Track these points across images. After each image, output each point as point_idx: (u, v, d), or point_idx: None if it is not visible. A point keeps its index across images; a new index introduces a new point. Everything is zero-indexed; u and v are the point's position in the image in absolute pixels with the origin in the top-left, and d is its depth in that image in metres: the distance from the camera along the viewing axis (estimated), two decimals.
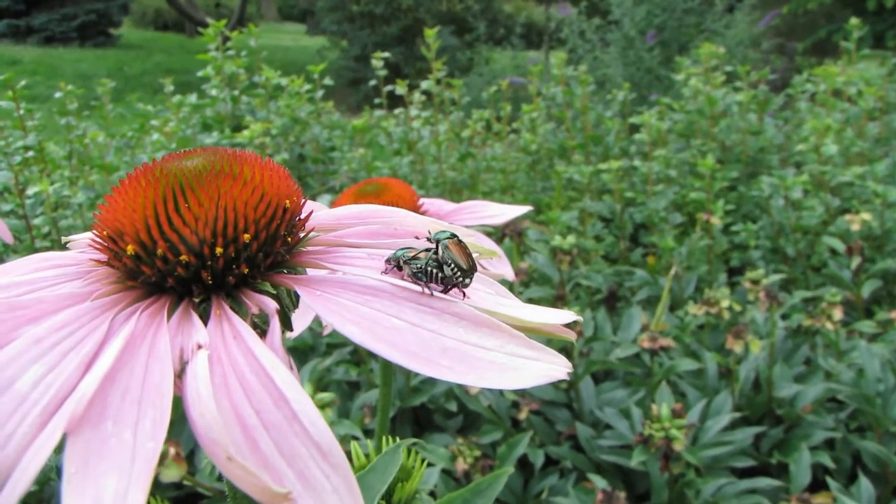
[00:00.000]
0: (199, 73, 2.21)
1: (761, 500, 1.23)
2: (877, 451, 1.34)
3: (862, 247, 1.63)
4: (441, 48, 2.44)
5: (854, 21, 2.76)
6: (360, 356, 1.65)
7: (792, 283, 1.97)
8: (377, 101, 2.50)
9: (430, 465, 1.25)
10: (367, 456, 0.52)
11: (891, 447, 1.40)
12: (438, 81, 2.46)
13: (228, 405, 0.25)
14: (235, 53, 2.20)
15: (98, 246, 0.36)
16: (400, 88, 2.38)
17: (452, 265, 0.33)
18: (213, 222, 0.33)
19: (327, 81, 2.38)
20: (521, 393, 1.51)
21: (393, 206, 0.57)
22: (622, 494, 1.08)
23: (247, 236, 0.33)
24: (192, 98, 2.27)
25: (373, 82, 2.52)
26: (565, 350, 1.47)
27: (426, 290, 0.32)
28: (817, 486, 1.34)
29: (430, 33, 2.33)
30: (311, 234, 0.38)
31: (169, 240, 0.33)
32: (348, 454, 0.49)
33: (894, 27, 7.43)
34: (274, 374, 0.26)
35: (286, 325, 0.35)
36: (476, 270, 0.34)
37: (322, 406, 1.16)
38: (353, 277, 0.33)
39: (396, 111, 2.55)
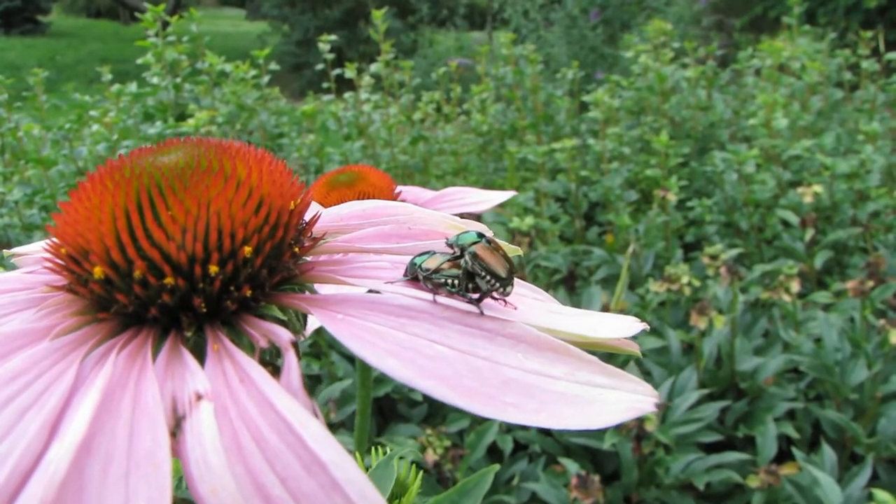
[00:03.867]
0: (139, 61, 2.12)
1: (730, 473, 1.24)
2: (836, 419, 1.37)
3: (815, 219, 1.65)
4: (385, 30, 2.39)
5: None
6: (319, 348, 1.61)
7: (746, 256, 2.00)
8: (325, 85, 2.44)
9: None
10: None
11: (848, 414, 1.43)
12: (387, 64, 2.41)
13: (243, 472, 0.20)
14: (177, 39, 2.12)
15: (55, 267, 0.29)
16: (349, 72, 2.33)
17: (487, 276, 0.28)
18: (205, 234, 0.26)
19: (273, 66, 2.31)
20: None
21: (368, 196, 0.54)
22: (596, 478, 1.07)
23: (248, 249, 0.27)
24: (133, 87, 2.18)
25: (319, 66, 2.46)
26: None
27: (472, 308, 0.27)
28: (781, 455, 1.36)
29: (378, 14, 2.28)
30: (321, 241, 0.32)
31: (149, 258, 0.26)
32: None
33: (825, 4, 7.62)
34: (301, 430, 0.20)
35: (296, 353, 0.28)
36: (515, 274, 0.29)
37: None
38: (385, 296, 0.27)
39: (346, 95, 2.49)
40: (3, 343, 0.25)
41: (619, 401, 0.23)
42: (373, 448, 0.47)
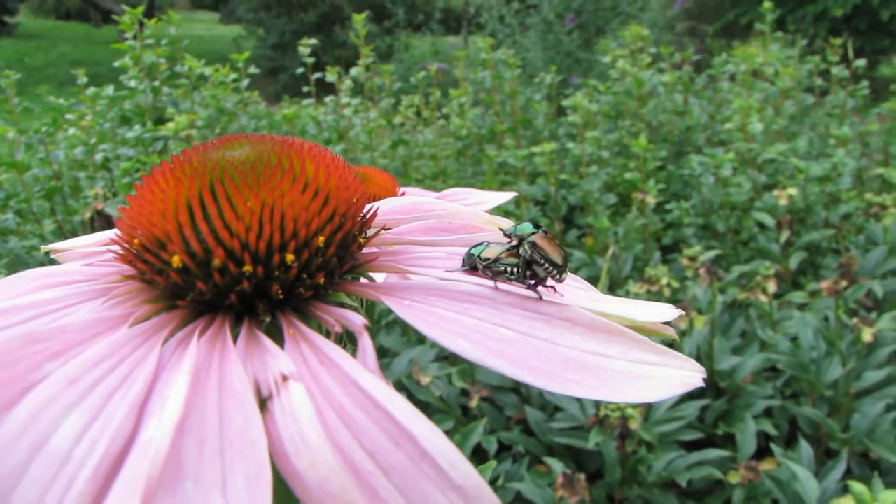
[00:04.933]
0: (116, 64, 2.11)
1: (711, 470, 1.27)
2: (812, 416, 1.40)
3: (790, 221, 1.69)
4: (364, 35, 2.40)
5: (767, 4, 2.87)
6: None
7: (723, 258, 2.03)
8: (305, 89, 2.45)
9: None
10: None
11: (823, 410, 1.46)
12: (367, 68, 2.42)
13: (333, 449, 0.21)
14: (155, 42, 2.10)
15: (127, 257, 0.30)
16: (331, 76, 2.33)
17: (545, 264, 0.30)
18: (281, 224, 0.27)
19: (252, 70, 2.31)
20: (472, 380, 1.50)
21: (375, 197, 0.54)
22: (582, 476, 1.09)
23: (321, 238, 0.28)
24: (109, 90, 2.16)
25: (300, 70, 2.46)
26: None
27: (530, 293, 0.28)
28: (760, 451, 1.39)
29: (359, 19, 2.29)
30: (380, 232, 0.33)
31: (229, 247, 0.27)
32: None
33: (794, 12, 7.78)
34: (389, 406, 0.21)
35: (352, 341, 0.29)
36: (569, 262, 0.31)
37: None
38: (447, 283, 0.28)
39: (327, 99, 2.50)
40: (83, 330, 0.25)
41: (671, 376, 0.25)
42: None
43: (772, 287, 1.50)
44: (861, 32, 7.22)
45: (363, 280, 0.32)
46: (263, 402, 0.22)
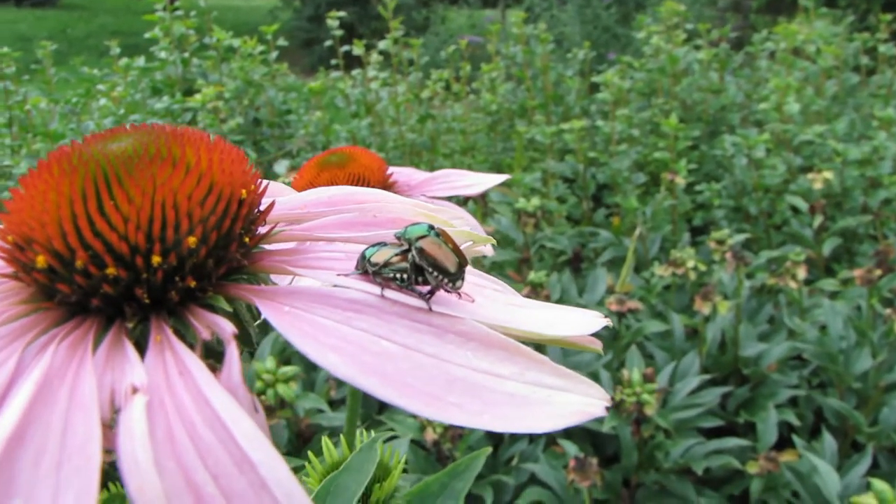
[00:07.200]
0: (147, 35, 2.12)
1: (730, 459, 1.24)
2: (839, 407, 1.36)
3: (824, 205, 1.63)
4: (396, 7, 2.37)
5: None
6: None
7: (754, 241, 1.98)
8: (333, 62, 2.43)
9: (396, 437, 1.23)
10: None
11: (850, 402, 1.42)
12: (396, 41, 2.39)
13: (175, 467, 0.19)
14: (184, 14, 2.11)
15: (3, 255, 0.28)
16: (357, 49, 2.31)
17: (434, 271, 0.26)
18: (148, 223, 0.25)
19: (281, 42, 2.30)
20: None
21: (359, 177, 0.53)
22: (594, 461, 1.07)
23: (192, 240, 0.26)
24: (141, 61, 2.17)
25: (328, 43, 2.45)
26: None
27: (421, 303, 0.25)
28: (782, 442, 1.36)
29: None
30: (275, 230, 0.31)
31: (91, 248, 0.25)
32: (319, 449, 0.46)
33: None
34: (234, 428, 0.20)
35: (247, 344, 0.27)
36: (466, 266, 0.28)
37: (286, 380, 1.12)
38: (333, 289, 0.26)
39: (354, 72, 2.48)
40: None
41: (568, 403, 0.22)
42: (358, 431, 0.47)
43: (802, 273, 1.46)
44: None
45: (261, 283, 0.29)
46: (117, 415, 0.21)
